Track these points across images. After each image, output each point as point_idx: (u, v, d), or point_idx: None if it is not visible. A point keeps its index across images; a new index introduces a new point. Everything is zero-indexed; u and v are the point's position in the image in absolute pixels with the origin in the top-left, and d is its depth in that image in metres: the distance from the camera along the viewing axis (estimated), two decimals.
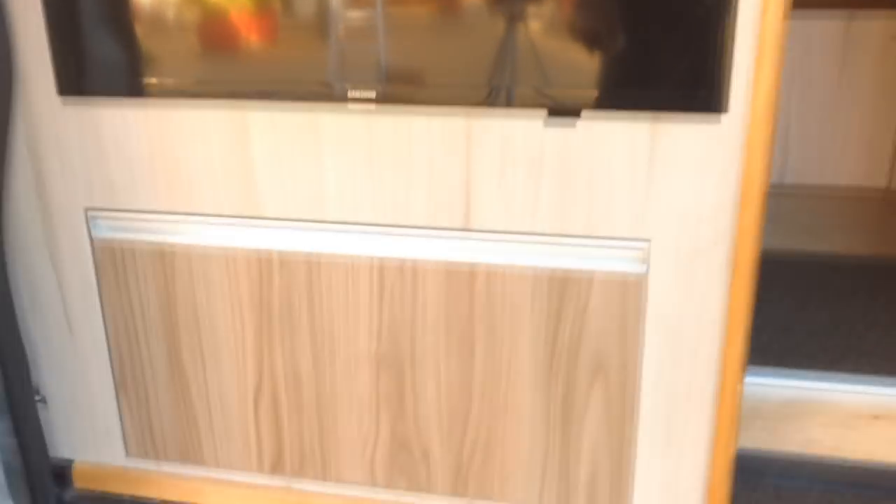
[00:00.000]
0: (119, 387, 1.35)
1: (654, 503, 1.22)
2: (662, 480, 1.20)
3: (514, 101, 1.05)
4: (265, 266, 1.20)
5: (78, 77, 1.17)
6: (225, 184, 1.17)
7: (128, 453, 1.39)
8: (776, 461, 1.39)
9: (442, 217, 1.12)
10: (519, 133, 1.06)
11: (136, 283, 1.26)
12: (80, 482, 1.43)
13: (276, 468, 1.33)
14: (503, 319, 1.15)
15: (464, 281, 1.15)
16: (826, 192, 2.23)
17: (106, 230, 1.25)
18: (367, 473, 1.30)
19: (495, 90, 1.04)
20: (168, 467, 1.38)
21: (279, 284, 1.21)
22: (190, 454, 1.36)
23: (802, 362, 1.48)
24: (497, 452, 1.23)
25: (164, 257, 1.23)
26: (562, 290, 1.12)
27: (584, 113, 1.03)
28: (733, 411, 1.14)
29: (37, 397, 1.37)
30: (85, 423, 1.39)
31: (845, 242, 2.03)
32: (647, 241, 1.08)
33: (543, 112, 1.05)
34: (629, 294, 1.11)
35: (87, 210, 1.24)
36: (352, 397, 1.26)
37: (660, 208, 1.06)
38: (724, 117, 1.00)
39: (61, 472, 1.42)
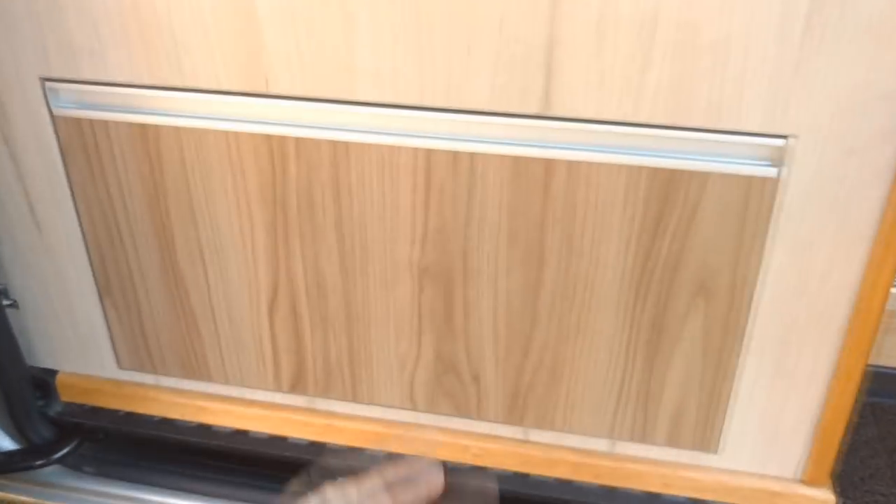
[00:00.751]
0: (103, 291, 1.12)
1: (750, 438, 1.03)
2: (763, 414, 1.00)
3: None
4: (278, 152, 0.94)
5: None
6: (222, 48, 0.88)
7: (120, 365, 1.18)
8: (874, 377, 1.21)
9: (512, 98, 0.85)
10: None
11: (114, 169, 1.00)
12: (66, 395, 1.24)
13: (297, 386, 1.13)
14: (584, 227, 0.91)
15: (537, 179, 0.89)
16: None
17: (69, 104, 0.97)
18: (406, 395, 1.11)
19: None
20: (168, 382, 1.18)
21: (297, 176, 0.95)
22: (193, 368, 1.15)
23: None
24: (563, 379, 1.03)
25: (146, 138, 0.96)
26: (665, 192, 0.87)
27: None
28: (865, 344, 0.92)
29: (6, 301, 1.15)
30: (66, 330, 1.18)
31: None
32: (789, 136, 0.82)
33: None
34: (754, 201, 0.86)
35: (43, 80, 0.96)
36: (388, 312, 1.04)
37: (811, 93, 0.79)
38: None
39: (44, 384, 1.23)
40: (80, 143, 0.99)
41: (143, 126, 0.95)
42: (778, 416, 1.00)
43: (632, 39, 0.79)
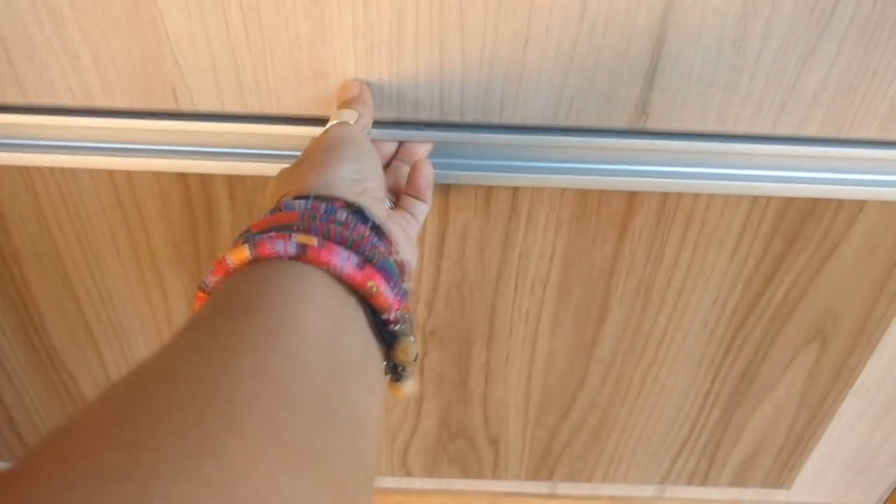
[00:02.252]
0: None
1: (832, 472, 0.84)
2: (857, 450, 0.80)
3: None
4: (199, 195, 0.60)
5: None
6: (87, 42, 0.51)
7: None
8: None
9: (589, 110, 0.53)
10: None
11: None
12: None
13: None
14: (673, 274, 0.63)
15: (611, 218, 0.60)
16: None
17: None
18: (397, 465, 0.84)
19: None
20: None
21: (232, 225, 0.62)
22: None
23: None
24: (611, 436, 0.79)
25: None
26: (798, 227, 0.60)
27: None
28: None
29: None
30: None
31: None
32: None
33: None
34: None
35: None
36: None
37: None
38: None
39: None
40: None
41: None
42: (876, 449, 0.81)
43: (797, 19, 0.49)
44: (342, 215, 0.37)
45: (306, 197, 0.38)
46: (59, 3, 0.48)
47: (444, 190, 0.57)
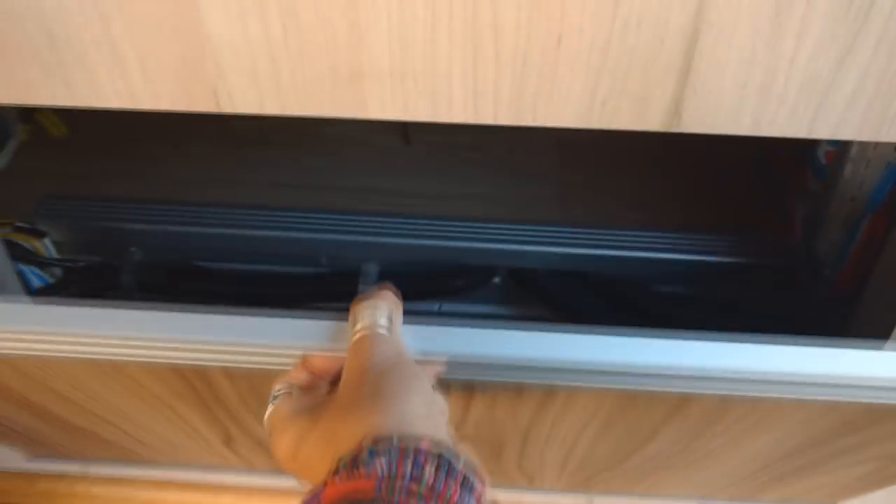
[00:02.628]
0: None
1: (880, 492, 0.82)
2: None
3: None
4: (198, 381, 0.58)
5: None
6: (141, 42, 0.48)
7: (27, 455, 0.87)
8: None
9: (621, 110, 0.57)
10: None
11: None
12: None
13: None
14: (728, 432, 0.60)
15: (664, 407, 0.56)
16: None
17: None
18: None
19: None
20: (99, 469, 0.88)
21: (234, 392, 0.62)
22: (130, 455, 0.85)
23: None
24: (664, 476, 0.78)
25: None
26: (870, 420, 0.56)
27: None
28: None
29: None
30: None
31: None
32: None
33: None
34: None
35: None
36: None
37: None
38: None
39: None
40: None
41: None
42: None
43: (833, 16, 0.49)
44: (430, 472, 0.34)
45: (388, 439, 0.35)
46: (107, 5, 0.50)
47: (467, 387, 0.54)
